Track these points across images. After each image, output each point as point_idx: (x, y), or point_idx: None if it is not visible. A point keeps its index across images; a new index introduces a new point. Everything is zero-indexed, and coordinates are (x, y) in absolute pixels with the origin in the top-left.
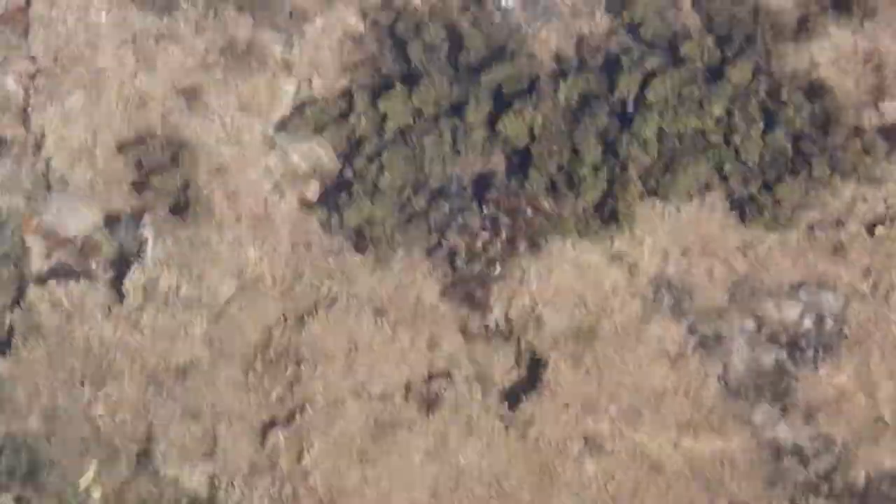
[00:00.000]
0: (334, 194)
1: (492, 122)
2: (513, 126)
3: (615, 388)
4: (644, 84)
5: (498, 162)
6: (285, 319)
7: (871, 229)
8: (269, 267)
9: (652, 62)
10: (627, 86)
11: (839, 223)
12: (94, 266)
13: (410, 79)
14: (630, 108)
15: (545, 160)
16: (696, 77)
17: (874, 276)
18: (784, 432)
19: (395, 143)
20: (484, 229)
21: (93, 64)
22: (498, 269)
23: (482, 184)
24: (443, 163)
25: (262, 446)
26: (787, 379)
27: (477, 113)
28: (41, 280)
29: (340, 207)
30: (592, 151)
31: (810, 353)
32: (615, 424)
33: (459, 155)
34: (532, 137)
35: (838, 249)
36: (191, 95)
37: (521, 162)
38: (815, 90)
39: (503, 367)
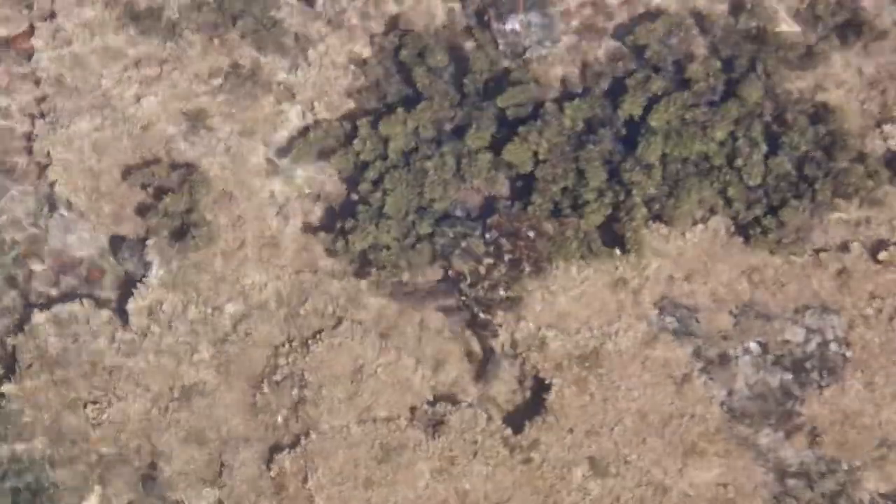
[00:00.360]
0: (339, 219)
1: (496, 146)
2: (517, 153)
3: (619, 412)
4: (648, 107)
5: (502, 186)
6: (290, 343)
7: (874, 253)
8: (273, 291)
9: (657, 85)
10: (631, 108)
11: (843, 247)
12: (98, 289)
13: (415, 103)
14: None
15: (549, 184)
16: (700, 101)
17: (878, 300)
18: (789, 454)
19: (398, 167)
20: (487, 255)
21: (97, 89)
22: (502, 292)
23: (486, 208)
24: (446, 187)
25: (268, 470)
26: (792, 401)
27: (479, 138)
28: (46, 304)
29: (346, 232)
30: (597, 176)
31: (815, 375)
32: (619, 448)
33: (464, 180)
34: (537, 163)
35: (842, 273)
36: (195, 120)
37: (525, 186)
38: (819, 114)
39: (507, 391)
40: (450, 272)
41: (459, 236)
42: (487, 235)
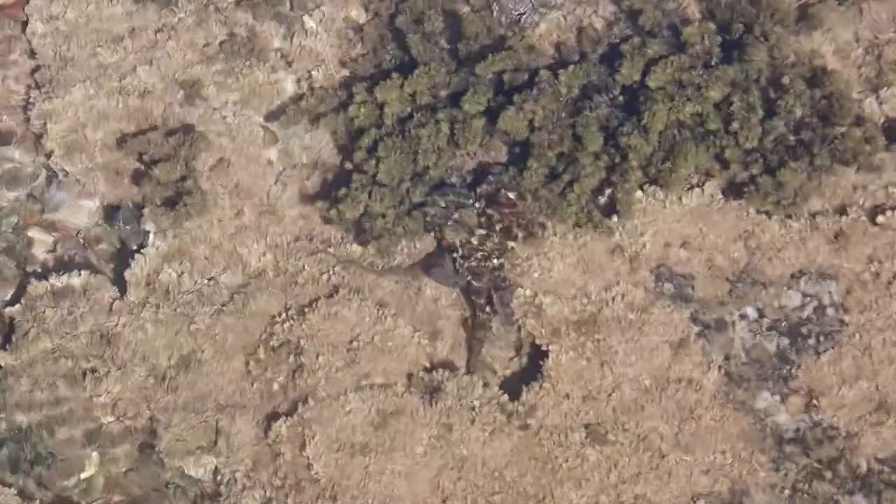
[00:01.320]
0: (334, 188)
1: (493, 113)
2: (513, 121)
3: (617, 378)
4: (645, 72)
5: (499, 152)
6: (287, 311)
7: (872, 217)
8: (271, 259)
9: (653, 50)
10: (630, 74)
11: (841, 211)
12: (95, 259)
13: (411, 70)
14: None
15: (545, 149)
16: (696, 63)
17: (876, 263)
18: (787, 419)
19: (393, 135)
20: (479, 226)
21: (92, 58)
22: (495, 261)
23: (482, 174)
24: (440, 155)
25: (265, 437)
26: (789, 366)
27: (476, 103)
28: (43, 273)
29: (339, 200)
30: (594, 141)
31: (812, 340)
32: (617, 414)
33: (458, 147)
34: (532, 130)
35: (840, 237)
36: (191, 89)
37: (522, 153)
38: (816, 78)
39: (504, 358)
40: (442, 242)
41: (452, 206)
42: (478, 204)
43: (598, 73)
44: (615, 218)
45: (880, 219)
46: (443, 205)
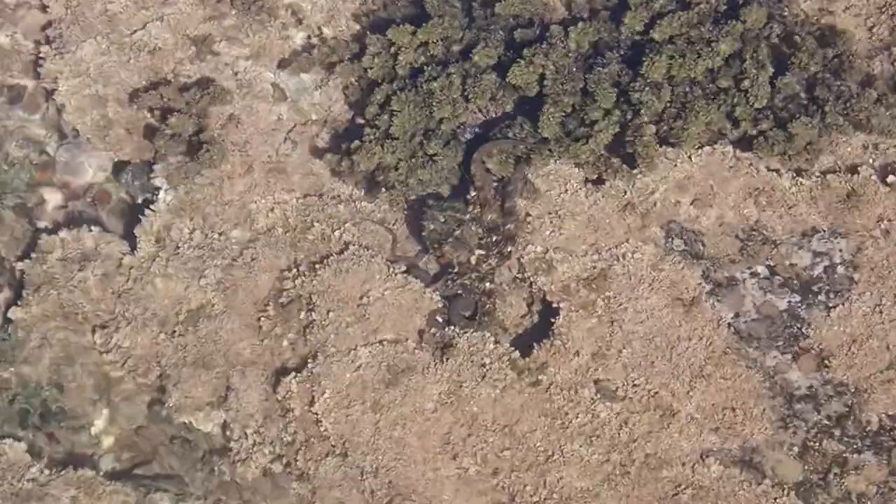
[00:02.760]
0: (345, 141)
1: (503, 69)
2: (523, 76)
3: (627, 335)
4: (651, 24)
5: (509, 107)
6: (297, 267)
7: (883, 177)
8: (281, 215)
9: (660, 3)
10: (633, 24)
11: (852, 170)
12: (105, 215)
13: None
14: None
15: (560, 96)
16: (704, 20)
17: (886, 222)
18: (797, 377)
19: (405, 89)
20: (479, 246)
21: (104, 13)
22: (488, 284)
23: (491, 127)
24: (454, 107)
25: (275, 393)
26: (800, 324)
27: (487, 56)
28: (54, 229)
29: (351, 153)
30: (608, 98)
31: (823, 298)
32: (627, 371)
33: (468, 101)
34: (542, 85)
35: (851, 196)
36: (202, 45)
37: (532, 109)
38: (827, 37)
39: (515, 314)
40: (438, 259)
41: (452, 222)
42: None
43: (607, 30)
44: (628, 172)
45: (891, 178)
46: (442, 220)
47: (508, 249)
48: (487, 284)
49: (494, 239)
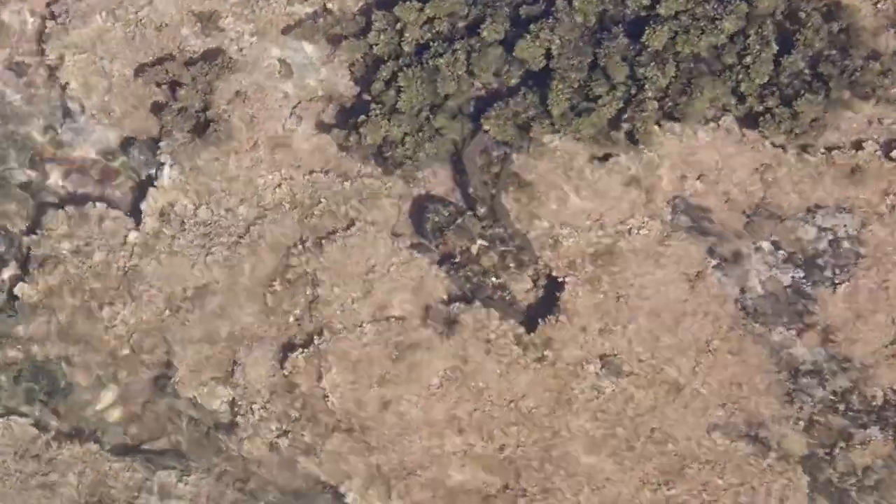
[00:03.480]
0: (351, 117)
1: (509, 44)
2: (529, 50)
3: (633, 310)
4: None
5: (515, 81)
6: (303, 244)
7: (888, 152)
8: (287, 191)
9: None
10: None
11: (857, 146)
12: (111, 191)
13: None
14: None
15: (567, 71)
16: None
17: (891, 196)
18: (802, 352)
19: (412, 66)
20: (482, 236)
21: None
22: (494, 279)
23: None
24: (460, 83)
25: (281, 368)
26: (805, 299)
27: (494, 31)
28: (60, 205)
29: (358, 128)
30: (620, 71)
31: (828, 273)
32: (633, 346)
33: (474, 76)
34: (548, 59)
35: (855, 171)
36: (207, 21)
37: (537, 82)
38: (832, 12)
39: (521, 290)
40: (440, 248)
41: (455, 213)
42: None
43: (613, 3)
44: (632, 148)
45: (895, 153)
46: (446, 214)
47: (525, 258)
48: (493, 279)
49: (510, 247)
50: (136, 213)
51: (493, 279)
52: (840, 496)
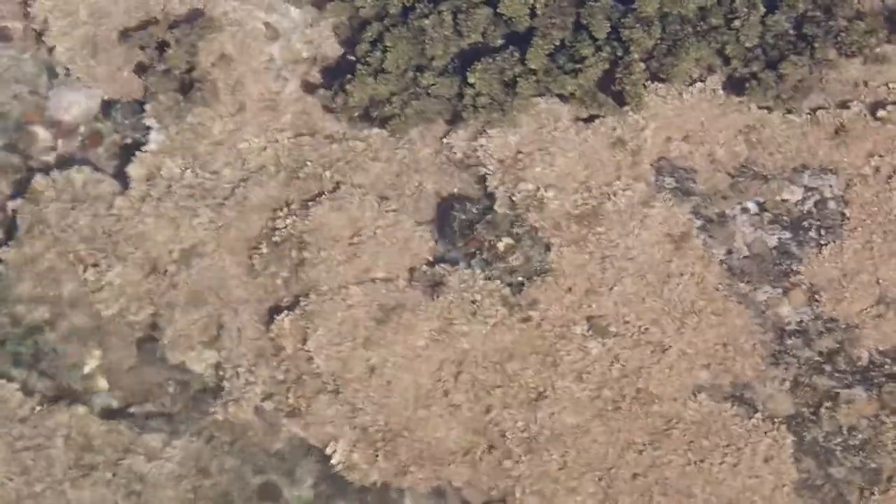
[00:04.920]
0: (337, 79)
1: (492, 4)
2: (513, 6)
3: (618, 271)
4: None
5: (499, 41)
6: (289, 206)
7: (873, 112)
8: (272, 154)
9: None
10: None
11: (842, 106)
12: (96, 154)
13: None
14: None
15: (549, 29)
16: None
17: (876, 157)
18: (787, 312)
19: (397, 25)
20: (508, 234)
21: None
22: (519, 278)
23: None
24: (446, 44)
25: (267, 331)
26: (791, 260)
27: None
28: (45, 169)
29: (345, 87)
30: (602, 29)
31: (813, 234)
32: (619, 307)
33: (461, 36)
34: (533, 17)
35: (840, 132)
36: None
37: (521, 42)
38: None
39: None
40: (468, 244)
41: (481, 210)
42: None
43: None
44: (618, 108)
45: (881, 113)
46: (474, 210)
47: None
48: (519, 278)
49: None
50: (122, 177)
51: (520, 278)
52: (825, 455)
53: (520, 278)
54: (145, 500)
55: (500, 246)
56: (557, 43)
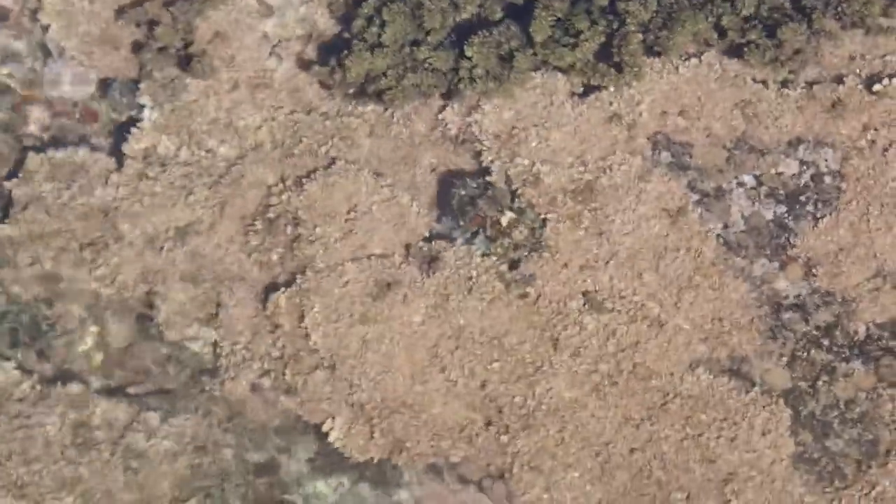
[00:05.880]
0: (332, 55)
1: None
2: None
3: (614, 246)
4: None
5: (497, 14)
6: (284, 183)
7: (869, 86)
8: (267, 132)
9: None
10: None
11: (838, 80)
12: (92, 133)
13: None
14: None
15: (546, 7)
16: None
17: (872, 131)
18: (784, 286)
19: (395, 0)
20: (510, 208)
21: None
22: (525, 253)
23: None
24: (444, 17)
25: (264, 309)
26: (787, 233)
27: None
28: (41, 147)
29: (341, 62)
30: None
31: (810, 207)
32: (615, 282)
33: (458, 8)
34: None
35: (836, 105)
36: None
37: (518, 14)
38: None
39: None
40: (472, 221)
41: (482, 186)
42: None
43: None
44: (615, 81)
45: (877, 87)
46: (475, 185)
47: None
48: (525, 253)
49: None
50: (117, 155)
51: (525, 253)
52: (823, 428)
53: (518, 254)
54: (144, 477)
55: (504, 221)
56: (559, 15)
